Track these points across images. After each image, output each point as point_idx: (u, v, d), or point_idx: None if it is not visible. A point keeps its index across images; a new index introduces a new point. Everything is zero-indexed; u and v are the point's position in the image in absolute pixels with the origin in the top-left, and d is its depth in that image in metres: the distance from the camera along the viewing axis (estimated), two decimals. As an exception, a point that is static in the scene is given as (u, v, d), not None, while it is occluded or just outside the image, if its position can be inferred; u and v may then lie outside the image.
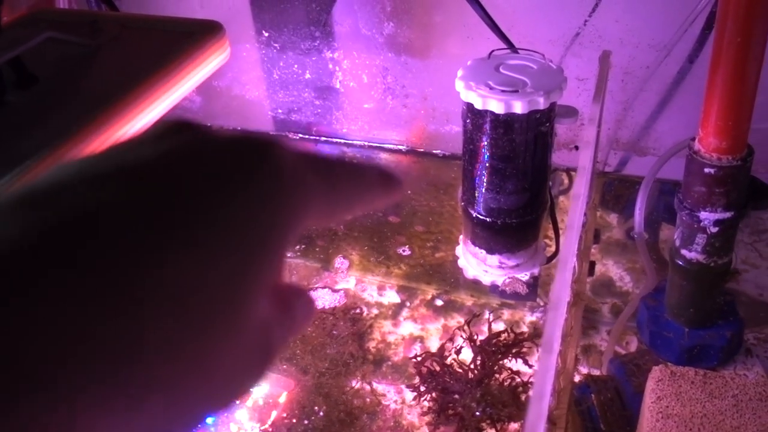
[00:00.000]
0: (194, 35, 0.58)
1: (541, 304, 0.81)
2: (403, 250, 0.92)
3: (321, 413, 0.73)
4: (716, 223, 0.59)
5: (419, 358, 0.72)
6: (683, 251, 0.62)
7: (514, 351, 0.69)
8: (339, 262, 0.91)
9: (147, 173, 0.16)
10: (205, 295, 0.16)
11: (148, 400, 0.15)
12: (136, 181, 0.16)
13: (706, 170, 0.57)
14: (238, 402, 0.19)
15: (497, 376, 0.68)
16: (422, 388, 0.69)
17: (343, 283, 0.88)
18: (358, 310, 0.84)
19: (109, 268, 0.14)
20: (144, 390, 0.15)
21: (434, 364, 0.70)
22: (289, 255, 0.93)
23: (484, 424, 0.65)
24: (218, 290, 0.16)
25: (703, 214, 0.59)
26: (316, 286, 0.88)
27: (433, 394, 0.68)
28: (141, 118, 0.52)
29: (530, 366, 0.70)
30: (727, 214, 0.59)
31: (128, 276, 0.15)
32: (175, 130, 0.18)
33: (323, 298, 0.86)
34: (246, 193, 0.17)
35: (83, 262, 0.14)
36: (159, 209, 0.16)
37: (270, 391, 0.76)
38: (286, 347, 0.80)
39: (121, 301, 0.14)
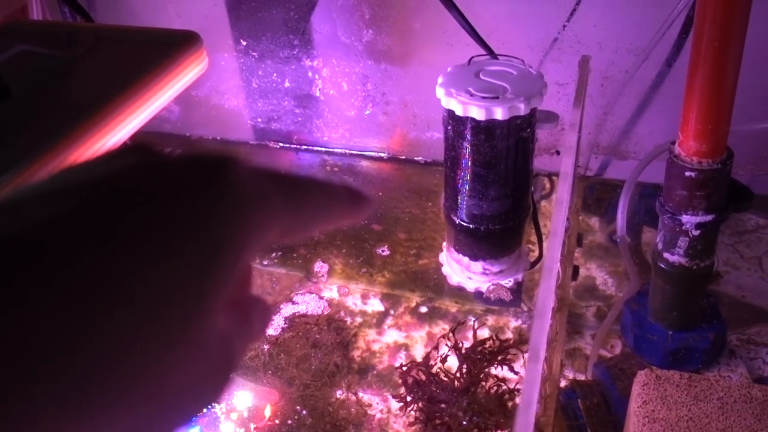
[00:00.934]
0: (171, 46, 0.57)
1: (526, 309, 0.81)
2: (382, 250, 0.92)
3: (307, 425, 0.72)
4: (698, 226, 0.59)
5: (405, 368, 0.71)
6: (666, 254, 0.62)
7: (499, 358, 0.69)
8: (318, 266, 0.90)
9: (99, 191, 0.17)
10: (158, 307, 0.16)
11: (99, 412, 0.15)
12: (88, 198, 0.17)
13: (687, 174, 0.57)
14: (197, 416, 0.19)
15: (483, 384, 0.68)
16: (408, 398, 0.69)
17: (326, 291, 0.88)
18: (341, 319, 0.84)
19: (60, 283, 0.15)
20: (96, 402, 0.15)
21: (420, 373, 0.70)
22: (266, 264, 0.92)
23: (471, 433, 0.65)
24: (170, 303, 0.16)
25: (684, 218, 0.59)
26: (299, 293, 0.88)
27: (420, 404, 0.68)
28: (117, 131, 0.51)
29: (516, 373, 0.69)
30: (709, 217, 0.59)
31: (76, 291, 0.15)
32: (130, 150, 0.19)
33: (308, 304, 0.86)
34: (199, 209, 0.18)
35: (36, 277, 0.15)
36: (110, 225, 0.16)
37: (254, 404, 0.75)
38: (270, 359, 0.79)
39: (71, 314, 0.15)
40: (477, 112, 0.59)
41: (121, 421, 0.16)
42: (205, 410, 0.19)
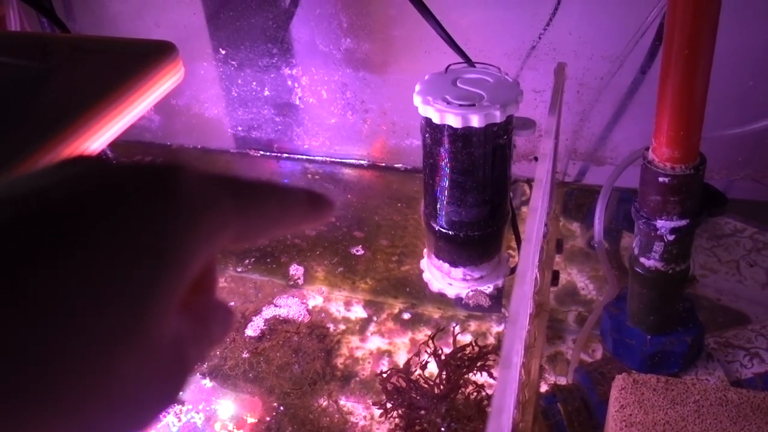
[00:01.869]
0: (146, 56, 0.57)
1: (507, 315, 0.81)
2: (364, 257, 0.92)
3: (288, 434, 0.72)
4: (672, 230, 0.60)
5: (385, 375, 0.72)
6: (642, 259, 0.63)
7: (479, 364, 0.69)
8: (294, 269, 0.91)
9: (40, 199, 0.17)
10: (106, 313, 0.16)
11: (48, 418, 0.15)
12: (27, 207, 0.17)
13: (661, 179, 0.57)
14: (153, 420, 0.19)
15: (463, 390, 0.68)
16: (389, 405, 0.69)
17: (310, 299, 0.88)
18: (324, 326, 0.84)
19: (6, 287, 0.15)
20: (46, 407, 0.15)
21: (400, 380, 0.70)
22: (244, 271, 0.92)
23: (451, 439, 0.65)
24: (119, 308, 0.17)
25: (659, 223, 0.60)
26: (280, 299, 0.88)
27: (400, 411, 0.68)
28: (92, 141, 0.51)
29: (495, 378, 0.70)
30: (683, 222, 0.59)
31: (14, 299, 0.15)
32: (77, 160, 0.19)
33: (290, 310, 0.86)
34: (145, 215, 0.18)
35: None
36: (50, 234, 0.16)
37: (235, 413, 0.75)
38: (250, 367, 0.79)
39: (18, 317, 0.15)
40: (453, 120, 0.60)
41: (72, 425, 0.16)
42: (160, 414, 0.20)
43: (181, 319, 0.19)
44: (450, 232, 0.68)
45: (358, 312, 0.86)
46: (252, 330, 0.83)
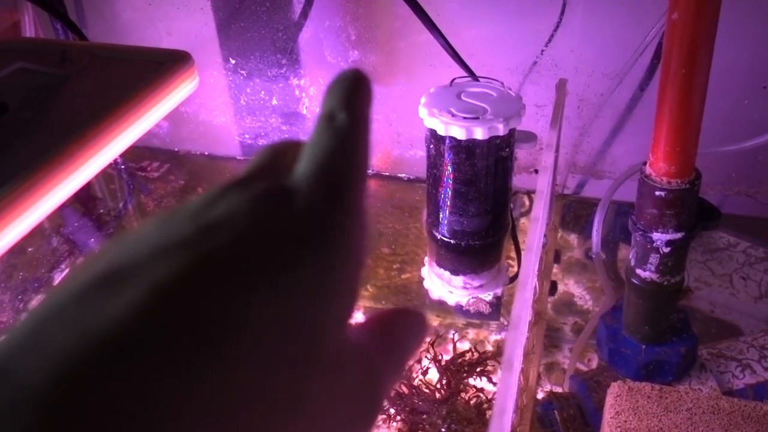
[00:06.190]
0: (163, 65, 0.59)
1: (505, 323, 0.83)
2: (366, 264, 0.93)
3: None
4: (668, 243, 0.61)
5: (387, 379, 0.73)
6: (638, 270, 0.65)
7: (478, 369, 0.71)
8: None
9: (213, 238, 0.16)
10: (291, 332, 0.16)
11: None
12: (201, 249, 0.16)
13: (657, 193, 0.59)
14: None
15: (463, 394, 0.69)
16: (392, 411, 0.70)
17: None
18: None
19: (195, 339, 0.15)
20: None
21: (402, 386, 0.72)
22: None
23: (450, 442, 0.66)
24: (302, 326, 0.16)
25: (655, 235, 0.61)
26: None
27: (402, 416, 0.69)
28: (111, 147, 0.53)
29: (494, 383, 0.71)
30: (678, 235, 0.61)
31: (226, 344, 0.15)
32: (237, 186, 0.19)
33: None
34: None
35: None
36: (235, 273, 0.16)
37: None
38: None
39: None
40: (458, 132, 0.61)
41: None
42: None
43: (367, 332, 0.18)
44: (452, 241, 0.70)
45: (359, 319, 0.87)
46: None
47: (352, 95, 0.21)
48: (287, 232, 0.17)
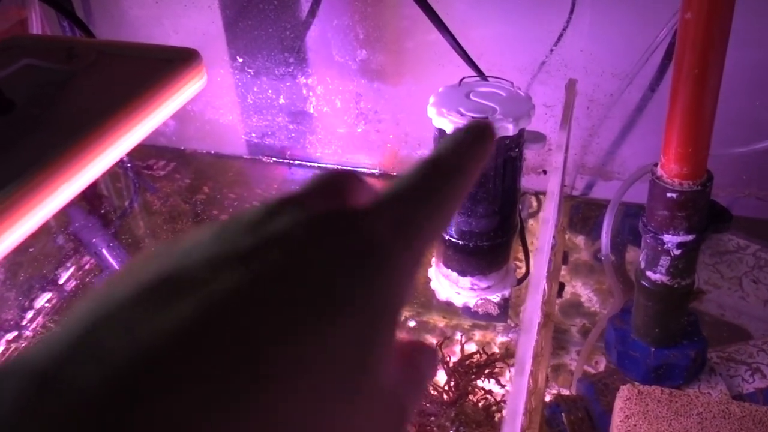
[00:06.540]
0: (171, 62, 0.59)
1: (512, 325, 0.82)
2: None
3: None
4: (679, 245, 0.61)
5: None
6: (648, 273, 0.64)
7: (486, 371, 0.70)
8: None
9: (267, 255, 0.16)
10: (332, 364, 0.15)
11: None
12: (256, 263, 0.16)
13: (668, 195, 0.59)
14: None
15: (471, 396, 0.69)
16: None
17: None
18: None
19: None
20: None
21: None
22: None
23: (457, 445, 0.66)
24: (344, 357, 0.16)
25: (666, 237, 0.61)
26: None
27: (408, 416, 0.69)
28: (119, 145, 0.53)
29: (502, 386, 0.71)
30: (689, 237, 0.61)
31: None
32: (288, 204, 0.18)
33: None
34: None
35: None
36: (291, 290, 0.16)
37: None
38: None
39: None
40: (467, 132, 0.61)
41: None
42: None
43: (389, 363, 0.18)
44: (460, 242, 0.70)
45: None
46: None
47: (468, 148, 0.21)
48: (346, 261, 0.17)
